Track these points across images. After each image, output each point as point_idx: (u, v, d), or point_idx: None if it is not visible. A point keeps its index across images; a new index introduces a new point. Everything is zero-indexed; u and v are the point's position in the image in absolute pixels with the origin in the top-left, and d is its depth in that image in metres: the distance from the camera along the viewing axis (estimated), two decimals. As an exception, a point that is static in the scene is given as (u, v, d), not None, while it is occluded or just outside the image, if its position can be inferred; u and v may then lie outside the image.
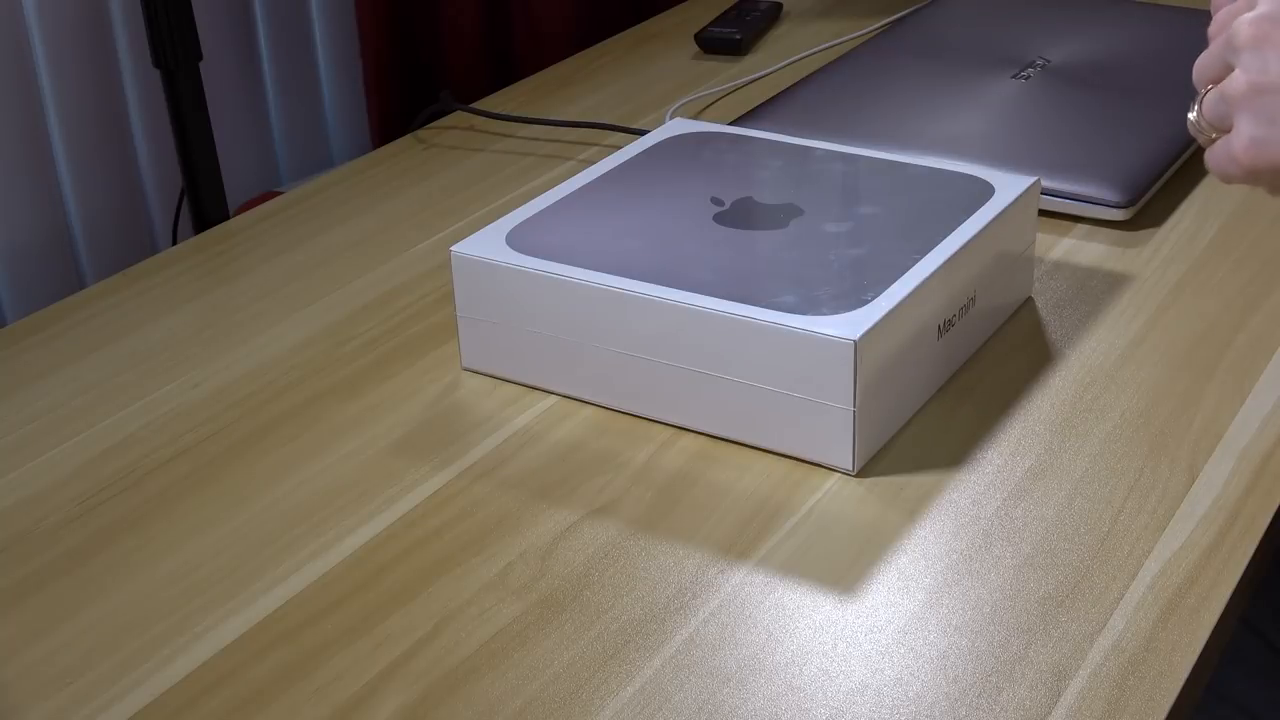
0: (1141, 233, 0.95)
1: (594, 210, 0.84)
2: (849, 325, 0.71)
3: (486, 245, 0.81)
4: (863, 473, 0.73)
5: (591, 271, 0.77)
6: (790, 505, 0.71)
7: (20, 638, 0.65)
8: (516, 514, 0.71)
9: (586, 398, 0.80)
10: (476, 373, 0.83)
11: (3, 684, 0.63)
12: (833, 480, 0.73)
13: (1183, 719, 0.60)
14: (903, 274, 0.75)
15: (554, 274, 0.77)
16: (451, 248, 0.81)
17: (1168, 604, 0.64)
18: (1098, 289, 0.89)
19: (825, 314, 0.72)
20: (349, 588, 0.67)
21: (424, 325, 0.89)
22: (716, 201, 0.84)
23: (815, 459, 0.74)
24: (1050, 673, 0.60)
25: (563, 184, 0.87)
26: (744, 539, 0.69)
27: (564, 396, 0.80)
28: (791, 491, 0.72)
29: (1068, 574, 0.66)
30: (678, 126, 0.94)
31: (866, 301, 0.73)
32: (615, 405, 0.79)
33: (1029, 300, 0.88)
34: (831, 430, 0.72)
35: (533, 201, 0.85)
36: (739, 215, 0.82)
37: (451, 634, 0.64)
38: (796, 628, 0.64)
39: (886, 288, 0.74)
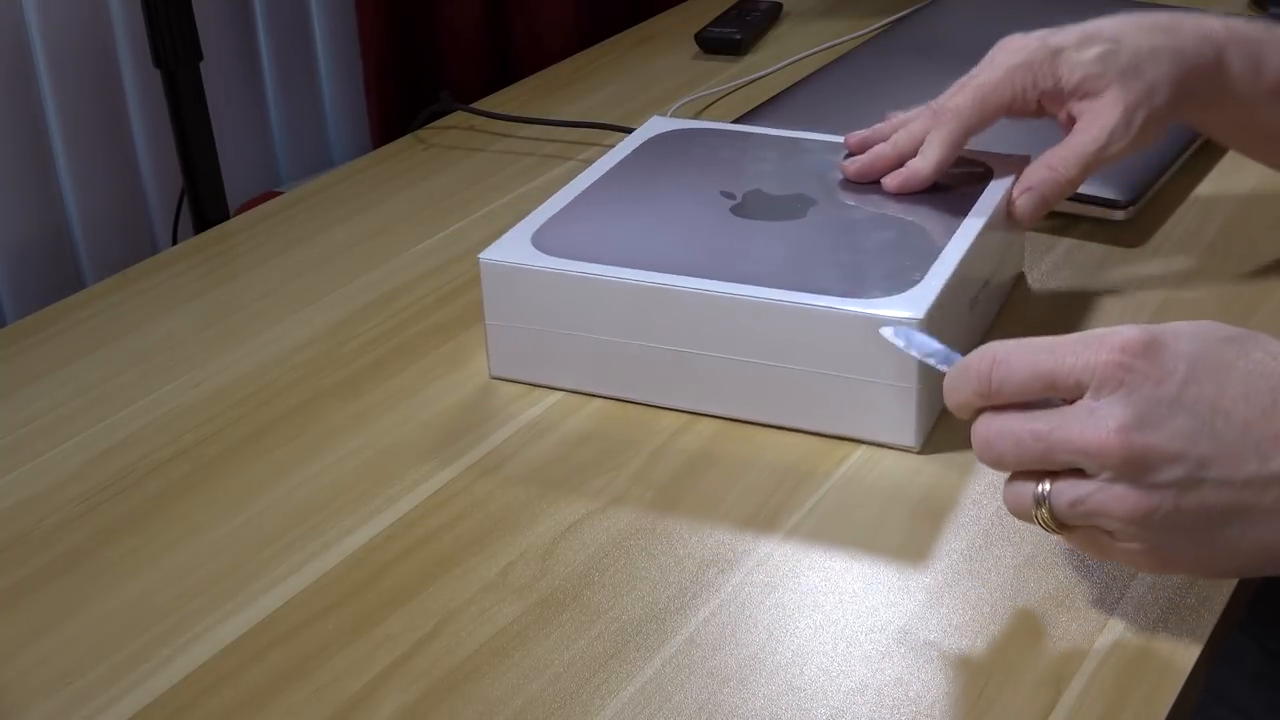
0: (1141, 232, 0.95)
1: (611, 209, 0.83)
2: (910, 304, 0.72)
3: (514, 250, 0.79)
4: (863, 474, 0.73)
5: (638, 270, 0.76)
6: (789, 506, 0.71)
7: (20, 638, 0.65)
8: (516, 514, 0.71)
9: (631, 397, 0.79)
10: (507, 380, 0.81)
11: (3, 684, 0.63)
12: (831, 482, 0.73)
13: None
14: (941, 252, 0.76)
15: (598, 276, 0.76)
16: (480, 255, 0.79)
17: (1168, 604, 0.64)
18: (1098, 289, 0.89)
19: (880, 296, 0.72)
20: (349, 588, 0.67)
21: (424, 325, 0.89)
22: (727, 195, 0.84)
23: (877, 439, 0.74)
24: (1050, 673, 0.60)
25: (566, 187, 0.86)
26: (744, 539, 0.69)
27: (607, 398, 0.79)
28: (792, 492, 0.72)
29: (1068, 574, 0.66)
30: (658, 125, 0.94)
31: (916, 281, 0.73)
32: (661, 402, 0.78)
33: (1030, 297, 0.88)
34: (893, 410, 0.73)
35: (546, 204, 0.84)
36: (756, 207, 0.82)
37: (451, 634, 0.64)
38: (796, 627, 0.64)
39: (930, 266, 0.75)
